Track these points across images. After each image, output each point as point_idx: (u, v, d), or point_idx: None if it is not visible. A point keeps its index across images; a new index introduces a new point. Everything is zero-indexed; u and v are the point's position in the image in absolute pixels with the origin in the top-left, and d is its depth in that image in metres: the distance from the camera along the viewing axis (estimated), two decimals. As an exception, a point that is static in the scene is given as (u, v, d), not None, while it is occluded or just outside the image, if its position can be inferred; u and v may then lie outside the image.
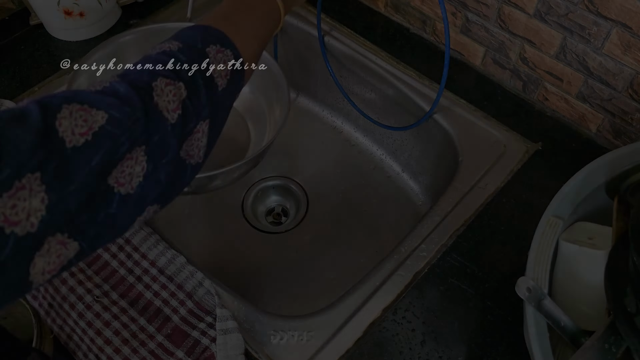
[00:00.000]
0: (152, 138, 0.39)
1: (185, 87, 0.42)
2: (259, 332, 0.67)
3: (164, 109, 0.40)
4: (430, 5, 0.94)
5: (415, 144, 0.98)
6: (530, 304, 0.55)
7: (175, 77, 0.41)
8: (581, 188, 0.62)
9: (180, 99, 0.41)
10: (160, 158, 0.40)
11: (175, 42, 0.44)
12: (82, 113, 0.35)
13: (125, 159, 0.37)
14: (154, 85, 0.40)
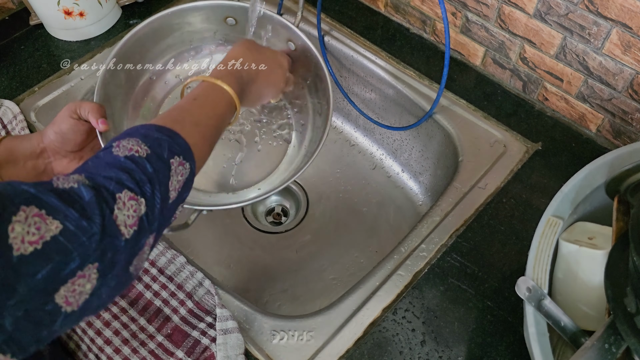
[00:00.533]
0: (106, 255, 0.38)
1: (145, 203, 0.41)
2: (259, 332, 0.67)
3: (121, 224, 0.39)
4: (430, 5, 0.94)
5: (415, 144, 0.98)
6: (530, 304, 0.55)
7: (139, 191, 0.41)
8: (581, 188, 0.62)
9: (139, 215, 0.41)
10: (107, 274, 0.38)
11: (145, 145, 0.44)
12: (37, 219, 0.34)
13: (77, 276, 0.36)
14: (117, 197, 0.40)
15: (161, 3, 1.04)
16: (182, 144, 0.47)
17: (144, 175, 0.42)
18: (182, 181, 0.46)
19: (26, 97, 0.90)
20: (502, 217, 0.77)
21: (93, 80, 0.92)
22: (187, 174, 0.47)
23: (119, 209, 0.39)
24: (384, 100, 0.98)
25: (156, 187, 0.42)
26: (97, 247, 0.37)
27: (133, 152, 0.43)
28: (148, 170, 0.42)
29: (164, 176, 0.44)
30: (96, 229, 0.37)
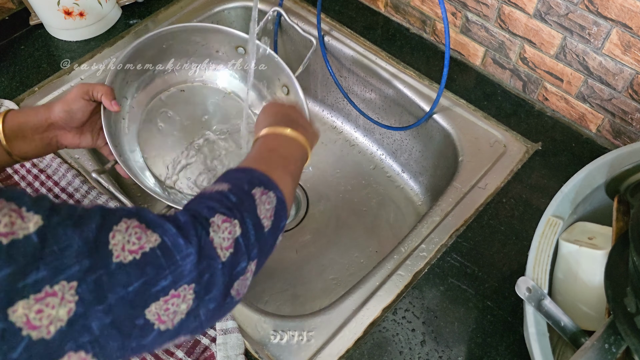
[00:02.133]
0: (203, 277, 0.39)
1: (239, 225, 0.43)
2: (259, 332, 0.67)
3: (218, 246, 0.40)
4: (430, 5, 0.94)
5: (415, 144, 0.98)
6: (530, 304, 0.55)
7: (230, 214, 0.42)
8: (581, 188, 0.62)
9: (234, 237, 0.42)
10: (204, 295, 0.39)
11: (225, 183, 0.46)
12: (137, 230, 0.35)
13: (171, 295, 0.37)
14: (211, 221, 0.41)
15: (161, 3, 1.04)
16: (258, 175, 0.48)
17: (230, 204, 0.43)
18: (272, 209, 0.47)
19: (26, 97, 0.90)
20: (502, 217, 0.77)
21: (93, 80, 0.92)
22: (274, 202, 0.47)
23: (214, 231, 0.40)
24: (384, 100, 0.98)
25: (244, 213, 0.44)
26: (194, 269, 0.38)
27: (216, 189, 0.45)
28: (232, 200, 0.44)
29: (249, 205, 0.45)
30: (192, 249, 0.38)
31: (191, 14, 1.02)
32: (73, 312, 0.31)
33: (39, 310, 0.30)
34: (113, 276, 0.33)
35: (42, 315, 0.30)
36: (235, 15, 1.06)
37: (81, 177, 0.79)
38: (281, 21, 1.03)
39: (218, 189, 0.45)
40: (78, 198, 0.77)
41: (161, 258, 0.36)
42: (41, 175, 0.80)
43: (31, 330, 0.30)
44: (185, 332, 0.39)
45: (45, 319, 0.30)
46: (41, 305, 0.30)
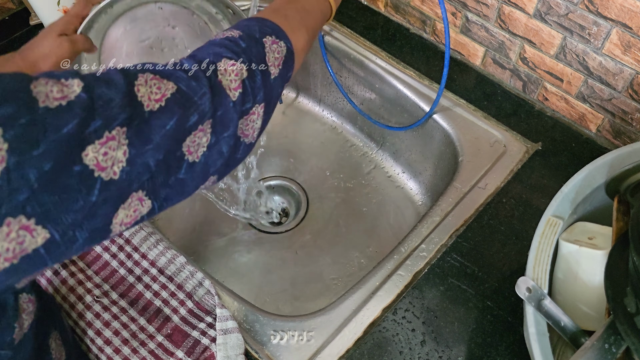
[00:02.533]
0: (217, 112, 0.43)
1: (246, 68, 0.45)
2: (259, 332, 0.67)
3: (227, 87, 0.44)
4: (430, 5, 0.94)
5: (415, 144, 0.98)
6: (530, 304, 0.55)
7: (237, 58, 0.45)
8: (581, 188, 0.62)
9: (241, 79, 0.45)
10: (222, 132, 0.43)
11: (236, 30, 0.48)
12: (155, 81, 0.39)
13: (199, 129, 0.41)
14: (218, 65, 0.44)
15: (161, 3, 1.04)
16: (271, 25, 0.50)
17: (239, 48, 0.46)
18: (280, 58, 0.49)
19: (26, 97, 0.90)
20: (502, 217, 0.77)
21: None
22: (283, 51, 0.50)
23: (222, 74, 0.44)
24: (384, 100, 0.98)
25: (252, 58, 0.46)
26: (210, 105, 0.42)
27: (226, 35, 0.47)
28: (242, 45, 0.46)
29: (258, 51, 0.47)
30: (205, 89, 0.42)
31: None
32: (128, 153, 0.36)
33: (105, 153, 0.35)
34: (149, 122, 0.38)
35: (107, 157, 0.35)
36: (235, 15, 1.06)
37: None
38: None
39: (228, 35, 0.47)
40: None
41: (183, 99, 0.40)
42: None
43: (101, 172, 0.35)
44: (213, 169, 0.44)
45: (109, 160, 0.35)
46: (105, 148, 0.35)
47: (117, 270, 0.71)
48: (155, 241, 0.73)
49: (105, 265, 0.71)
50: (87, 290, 0.69)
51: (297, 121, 1.11)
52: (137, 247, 0.73)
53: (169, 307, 0.69)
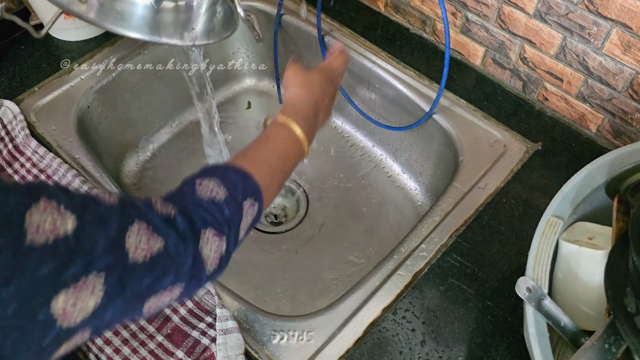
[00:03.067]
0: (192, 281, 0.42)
1: (226, 242, 0.45)
2: (259, 332, 0.67)
3: (206, 259, 0.43)
4: (430, 5, 0.94)
5: (415, 144, 0.98)
6: (530, 304, 0.55)
7: (221, 231, 0.44)
8: (581, 188, 0.62)
9: (220, 254, 0.44)
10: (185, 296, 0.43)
11: (223, 186, 0.47)
12: (147, 233, 0.38)
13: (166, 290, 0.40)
14: (202, 234, 0.43)
15: (161, 3, 1.04)
16: (254, 185, 0.49)
17: (223, 218, 0.45)
18: (250, 221, 0.49)
19: (26, 97, 0.90)
20: (502, 217, 0.77)
21: (93, 81, 0.92)
22: (255, 214, 0.49)
23: (204, 244, 0.43)
24: (384, 100, 0.98)
25: (232, 229, 0.46)
26: (188, 272, 0.41)
27: (214, 194, 0.46)
28: (226, 214, 0.45)
29: (237, 219, 0.47)
30: (189, 254, 0.41)
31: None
32: (99, 304, 0.34)
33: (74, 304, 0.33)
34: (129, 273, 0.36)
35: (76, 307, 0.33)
36: (235, 15, 1.06)
37: (81, 177, 0.79)
38: (281, 21, 1.03)
39: (214, 197, 0.46)
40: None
41: (166, 260, 0.39)
42: (41, 176, 0.80)
43: (62, 321, 0.33)
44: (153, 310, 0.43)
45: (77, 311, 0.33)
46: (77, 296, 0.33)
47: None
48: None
49: (105, 265, 0.71)
50: (87, 290, 0.69)
51: (297, 121, 1.11)
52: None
53: (168, 307, 0.69)
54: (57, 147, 0.84)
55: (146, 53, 0.97)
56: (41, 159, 0.81)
